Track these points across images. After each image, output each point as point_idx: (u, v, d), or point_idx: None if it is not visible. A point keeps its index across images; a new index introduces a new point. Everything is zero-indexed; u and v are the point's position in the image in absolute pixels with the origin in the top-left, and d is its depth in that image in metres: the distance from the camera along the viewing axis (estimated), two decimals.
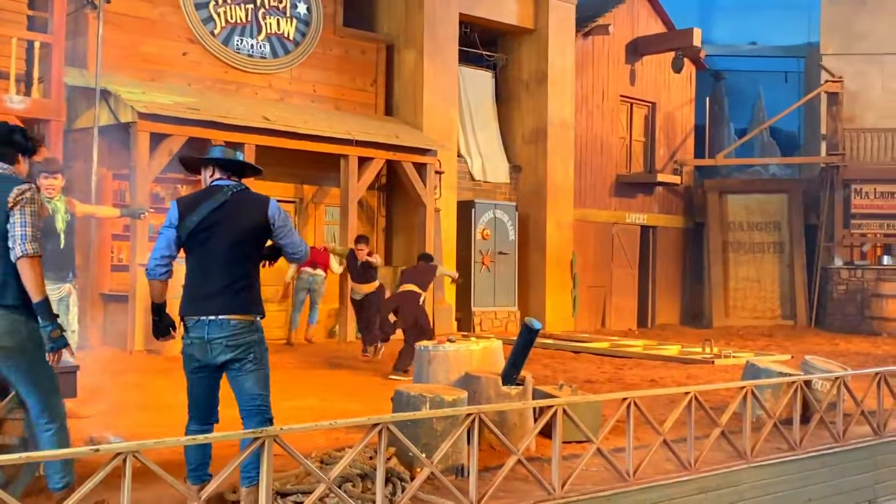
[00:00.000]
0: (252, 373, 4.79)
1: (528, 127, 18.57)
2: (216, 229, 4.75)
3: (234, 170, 4.98)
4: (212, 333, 4.72)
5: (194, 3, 14.23)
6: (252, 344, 4.79)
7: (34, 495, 5.01)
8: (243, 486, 4.82)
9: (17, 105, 11.49)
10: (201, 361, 4.80)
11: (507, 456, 5.41)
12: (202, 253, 4.80)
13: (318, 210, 15.75)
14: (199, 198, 4.87)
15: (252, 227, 4.82)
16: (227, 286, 4.74)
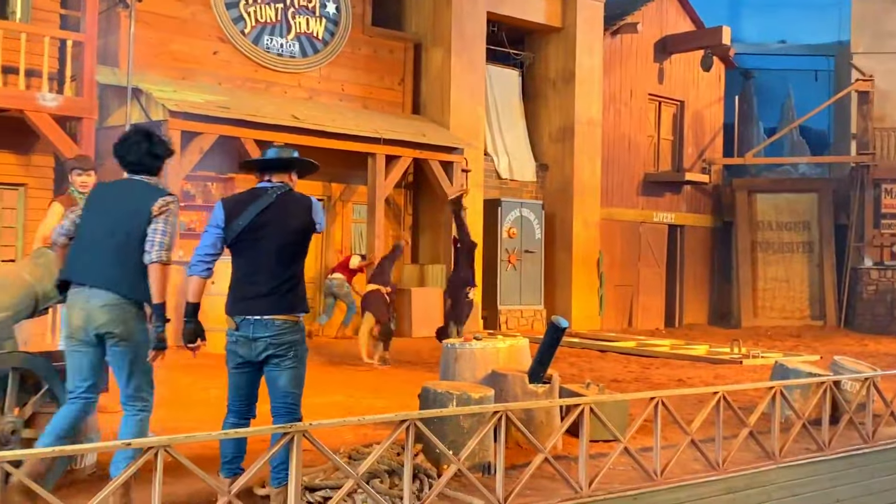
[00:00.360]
0: (289, 370, 4.87)
1: (555, 125, 18.54)
2: (264, 231, 4.84)
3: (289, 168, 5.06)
4: (257, 332, 4.82)
5: (225, 3, 14.33)
6: (294, 343, 4.88)
7: (65, 488, 5.08)
8: (273, 486, 4.88)
9: (49, 103, 11.63)
10: (244, 358, 4.89)
11: (534, 454, 5.42)
12: (251, 255, 4.90)
13: (346, 208, 15.82)
14: (246, 200, 4.96)
15: (299, 228, 4.92)
16: (275, 287, 4.84)
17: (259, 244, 4.86)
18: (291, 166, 5.08)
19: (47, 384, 5.07)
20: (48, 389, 5.08)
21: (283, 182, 5.00)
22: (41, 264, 5.70)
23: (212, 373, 10.12)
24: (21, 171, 12.47)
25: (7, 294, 5.35)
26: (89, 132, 11.98)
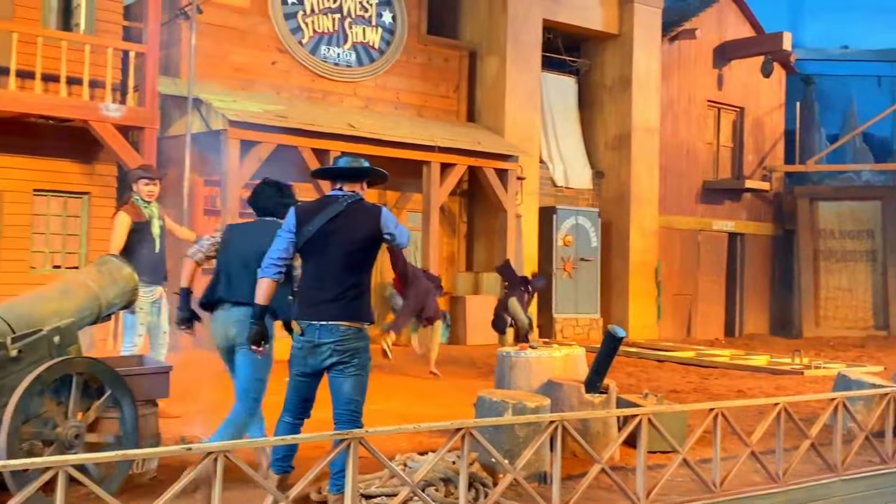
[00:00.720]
0: (352, 377, 4.95)
1: (611, 132, 18.43)
2: (332, 239, 4.94)
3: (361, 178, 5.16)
4: (322, 337, 4.90)
5: (283, 14, 14.51)
6: (357, 350, 4.95)
7: (128, 492, 5.16)
8: (331, 493, 4.93)
9: (113, 113, 11.87)
10: (308, 364, 4.99)
11: (591, 464, 5.38)
12: (318, 261, 5.00)
13: (401, 216, 15.88)
14: (316, 208, 5.07)
15: (366, 236, 4.99)
16: (341, 294, 4.92)
17: (326, 251, 4.95)
18: (363, 176, 5.17)
19: (110, 389, 5.15)
20: (111, 394, 5.16)
21: (354, 191, 5.08)
22: (104, 272, 5.82)
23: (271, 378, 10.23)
24: (85, 180, 12.73)
25: (71, 301, 5.46)
26: (151, 142, 12.20)
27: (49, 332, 5.09)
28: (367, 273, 5.09)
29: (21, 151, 11.97)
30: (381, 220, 5.01)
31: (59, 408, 4.99)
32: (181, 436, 6.64)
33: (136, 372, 5.68)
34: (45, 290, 5.55)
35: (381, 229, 5.00)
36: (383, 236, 5.02)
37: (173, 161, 13.11)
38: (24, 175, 12.15)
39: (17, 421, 4.71)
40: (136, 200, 7.79)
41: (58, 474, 3.55)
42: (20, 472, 4.54)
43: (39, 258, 12.49)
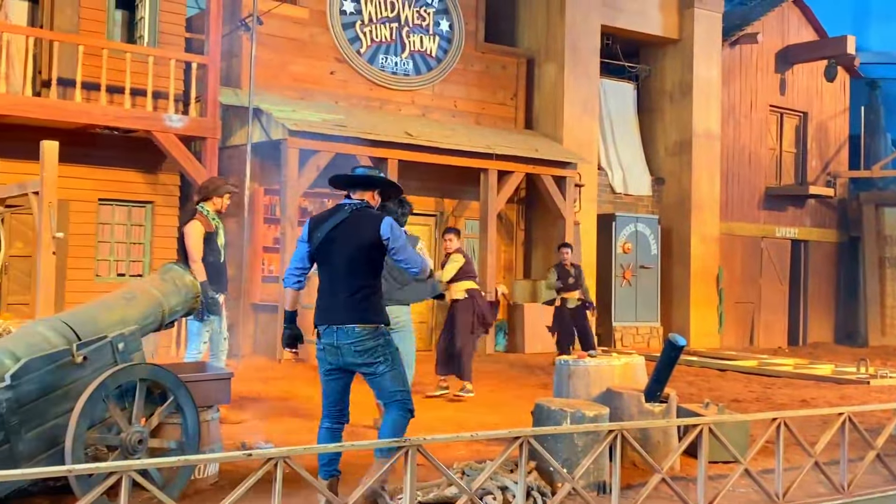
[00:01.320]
0: (386, 374, 5.16)
1: (671, 138, 18.25)
2: (336, 245, 5.17)
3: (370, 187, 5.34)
4: (340, 340, 5.14)
5: (342, 24, 14.65)
6: (378, 347, 5.14)
7: (190, 497, 5.24)
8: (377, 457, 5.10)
9: (176, 124, 12.08)
10: (333, 364, 5.21)
11: (651, 474, 5.33)
12: (327, 267, 5.25)
13: (458, 223, 15.90)
14: (326, 216, 5.32)
15: (365, 243, 5.14)
16: (349, 297, 5.14)
17: (332, 257, 5.20)
18: (372, 185, 5.34)
19: (172, 395, 5.23)
20: (173, 400, 5.24)
21: (364, 199, 5.29)
22: (168, 279, 5.91)
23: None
24: (148, 190, 12.98)
25: (135, 308, 5.56)
26: (213, 151, 12.39)
27: (113, 339, 5.19)
28: (375, 276, 5.25)
29: (87, 162, 12.24)
30: (381, 227, 5.14)
31: (123, 413, 5.07)
32: (242, 441, 6.72)
33: (198, 378, 5.76)
34: (110, 298, 5.65)
35: (382, 237, 5.13)
36: (382, 242, 5.14)
37: (234, 170, 13.30)
38: (89, 185, 12.42)
39: (82, 426, 4.80)
40: (205, 212, 7.88)
41: (121, 479, 3.61)
42: (85, 476, 4.63)
43: (105, 266, 12.75)
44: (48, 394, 4.84)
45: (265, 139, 13.05)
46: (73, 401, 4.87)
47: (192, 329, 7.76)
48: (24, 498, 5.02)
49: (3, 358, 4.83)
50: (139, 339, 5.39)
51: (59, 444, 4.82)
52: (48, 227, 8.92)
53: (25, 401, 4.72)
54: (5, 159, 10.87)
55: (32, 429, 4.76)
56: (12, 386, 4.67)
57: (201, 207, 7.88)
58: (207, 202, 7.89)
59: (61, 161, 9.19)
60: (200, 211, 7.85)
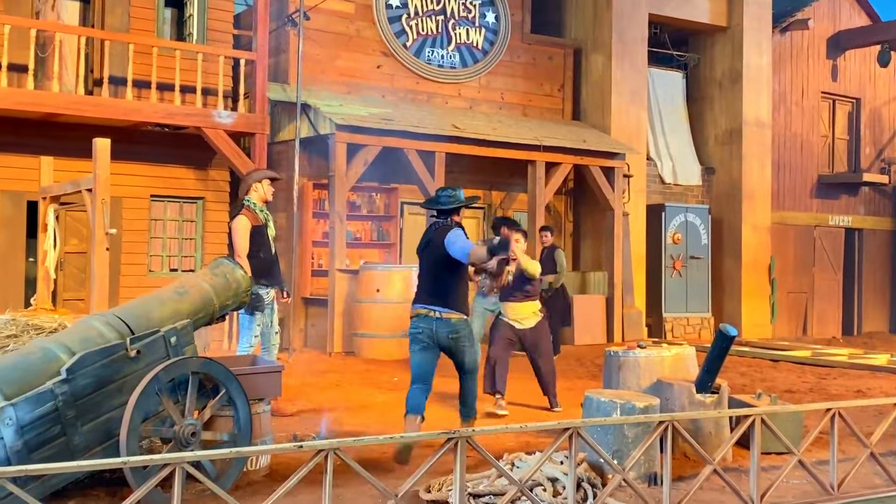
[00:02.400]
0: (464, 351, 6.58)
1: (721, 127, 18.03)
2: (426, 252, 6.70)
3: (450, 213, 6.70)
4: (429, 322, 6.51)
5: (388, 17, 14.68)
6: (458, 330, 6.53)
7: (242, 489, 5.30)
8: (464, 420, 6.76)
9: (225, 120, 12.20)
10: (423, 339, 6.51)
11: (702, 465, 5.28)
12: (421, 267, 6.81)
13: (506, 215, 15.87)
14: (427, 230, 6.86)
15: (441, 252, 6.49)
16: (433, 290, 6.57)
17: (424, 261, 6.75)
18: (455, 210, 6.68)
19: (224, 388, 5.29)
20: (225, 393, 5.30)
21: (446, 217, 6.67)
22: (218, 274, 5.98)
23: (377, 379, 10.36)
24: (199, 186, 13.13)
25: (187, 302, 5.63)
26: (262, 147, 12.50)
27: (166, 333, 5.25)
28: (454, 276, 6.58)
29: (138, 159, 12.42)
30: (446, 238, 6.45)
31: (176, 406, 5.14)
32: (293, 434, 6.78)
33: (249, 371, 5.82)
34: (163, 293, 5.72)
35: (444, 245, 6.44)
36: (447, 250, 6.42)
37: (283, 166, 13.41)
38: (141, 182, 12.61)
39: (136, 419, 4.88)
40: (252, 205, 7.93)
41: (175, 471, 3.66)
42: (140, 468, 4.70)
43: (157, 262, 12.94)
44: (103, 387, 4.92)
45: (313, 134, 13.13)
46: (127, 394, 4.95)
47: (244, 323, 7.83)
48: (80, 489, 5.11)
49: (59, 352, 4.92)
50: (191, 333, 5.45)
51: (114, 436, 4.90)
52: (101, 223, 9.07)
53: (81, 394, 4.81)
54: (59, 157, 11.05)
55: (88, 422, 4.85)
56: (68, 380, 4.75)
57: (247, 201, 7.93)
58: (251, 194, 7.95)
59: (113, 158, 9.33)
60: (247, 205, 7.91)
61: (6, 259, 11.73)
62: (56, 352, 4.93)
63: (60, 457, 4.68)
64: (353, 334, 12.40)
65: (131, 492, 4.14)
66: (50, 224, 10.15)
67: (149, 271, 12.75)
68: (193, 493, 4.99)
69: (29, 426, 4.59)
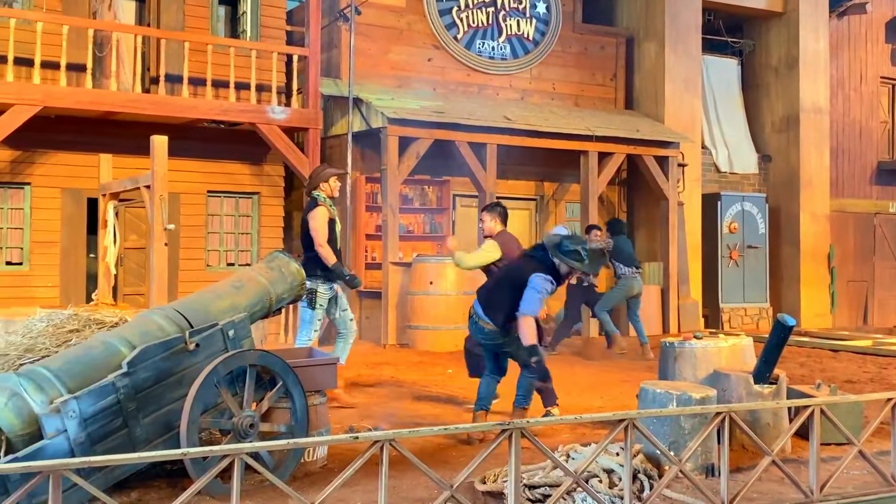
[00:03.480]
0: (507, 353, 6.90)
1: (777, 114, 17.76)
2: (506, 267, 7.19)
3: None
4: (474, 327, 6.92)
5: (438, 10, 14.69)
6: (496, 338, 6.81)
7: (300, 479, 5.36)
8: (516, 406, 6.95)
9: (279, 116, 12.32)
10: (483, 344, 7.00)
11: (760, 457, 5.22)
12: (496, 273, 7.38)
13: (559, 207, 15.82)
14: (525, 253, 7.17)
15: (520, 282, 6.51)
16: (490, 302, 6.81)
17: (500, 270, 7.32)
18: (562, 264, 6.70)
19: (282, 380, 5.35)
20: (282, 385, 5.36)
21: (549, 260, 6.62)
22: (274, 267, 6.05)
23: (431, 371, 10.41)
24: (254, 181, 13.28)
25: (244, 296, 5.70)
26: (315, 142, 12.60)
27: (224, 326, 5.33)
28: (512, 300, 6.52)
29: (195, 155, 12.60)
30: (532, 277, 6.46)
31: (235, 398, 5.21)
32: (349, 425, 6.84)
33: (305, 363, 5.88)
34: (220, 287, 5.80)
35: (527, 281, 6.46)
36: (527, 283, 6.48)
37: (335, 160, 13.50)
38: (198, 178, 12.79)
39: (196, 411, 4.95)
40: (323, 200, 8.05)
41: (234, 461, 3.72)
42: (200, 459, 4.78)
43: (214, 256, 13.13)
44: (163, 380, 5.00)
45: (365, 128, 13.20)
46: (186, 386, 5.03)
47: (305, 317, 7.91)
48: (142, 480, 5.21)
49: (120, 346, 5.02)
50: (248, 326, 5.52)
51: (174, 428, 4.99)
52: (160, 219, 9.22)
53: (142, 387, 4.90)
54: (118, 155, 11.27)
55: (149, 414, 4.93)
56: (129, 373, 4.84)
57: (318, 195, 8.04)
58: (320, 189, 8.06)
59: (170, 155, 9.49)
60: (319, 200, 8.02)
61: (68, 255, 11.99)
62: (117, 346, 5.03)
63: (122, 448, 4.77)
64: (407, 326, 12.46)
65: (191, 482, 4.22)
66: (110, 220, 10.35)
67: (206, 266, 12.94)
68: (252, 484, 5.05)
69: (92, 419, 4.69)
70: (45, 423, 4.62)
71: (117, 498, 4.53)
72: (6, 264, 11.79)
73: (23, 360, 5.34)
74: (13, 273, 11.74)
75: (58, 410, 4.61)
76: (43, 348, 5.50)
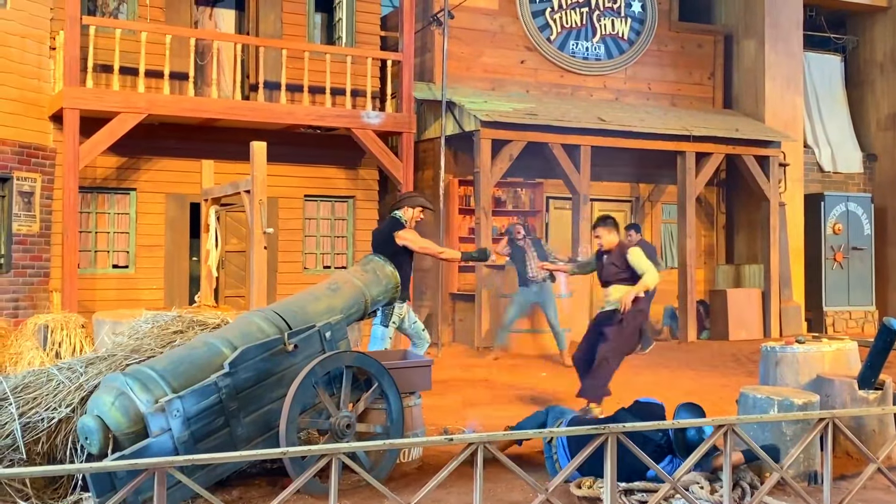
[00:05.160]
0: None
1: (883, 112, 17.18)
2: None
3: None
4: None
5: (531, 12, 14.65)
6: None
7: (396, 479, 5.40)
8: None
9: (373, 120, 12.46)
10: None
11: (865, 464, 5.06)
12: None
13: (655, 208, 15.60)
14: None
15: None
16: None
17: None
18: None
19: (377, 381, 5.41)
20: (378, 386, 5.42)
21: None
22: (369, 270, 6.12)
23: (523, 374, 10.37)
24: (350, 185, 13.46)
25: (340, 298, 5.78)
26: (409, 146, 12.69)
27: (321, 328, 5.41)
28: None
29: (292, 160, 12.82)
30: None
31: (332, 399, 5.29)
32: (444, 427, 6.87)
33: (401, 365, 5.93)
34: (317, 289, 5.89)
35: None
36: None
37: (429, 163, 13.58)
38: (295, 182, 13.01)
39: (294, 411, 5.04)
40: (403, 222, 7.91)
41: (332, 461, 3.77)
42: (298, 458, 4.87)
43: (311, 259, 13.34)
44: (263, 380, 5.11)
45: (458, 131, 13.24)
46: (285, 387, 5.12)
47: (376, 334, 7.72)
48: (242, 478, 5.33)
49: (222, 347, 5.14)
50: (345, 328, 5.59)
51: (274, 427, 5.09)
52: (259, 223, 9.41)
53: (242, 387, 5.01)
54: (219, 160, 11.54)
55: (249, 413, 5.04)
56: (231, 373, 4.96)
57: (397, 216, 7.89)
58: (402, 212, 7.95)
59: (269, 160, 9.67)
60: (399, 220, 7.85)
61: (172, 258, 12.34)
62: (219, 346, 5.15)
63: (224, 447, 4.89)
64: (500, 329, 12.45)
65: (290, 481, 4.29)
66: (212, 224, 10.61)
67: (304, 268, 13.15)
68: (349, 484, 5.12)
69: (195, 418, 4.81)
70: (151, 422, 4.76)
71: (219, 496, 4.64)
72: (113, 267, 12.19)
73: (129, 360, 5.50)
74: (120, 276, 12.14)
75: (162, 409, 4.75)
76: (148, 349, 5.66)
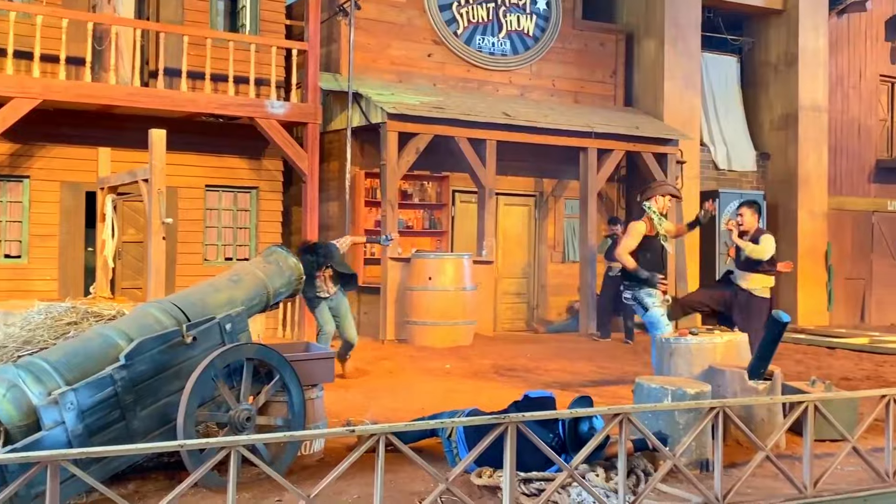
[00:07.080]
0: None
1: (776, 112, 17.77)
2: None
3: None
4: None
5: (438, 5, 14.69)
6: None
7: (297, 472, 5.38)
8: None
9: (277, 110, 12.33)
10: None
11: (754, 452, 5.24)
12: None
13: (558, 203, 15.84)
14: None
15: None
16: None
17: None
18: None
19: (279, 374, 5.37)
20: (279, 378, 5.38)
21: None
22: (272, 261, 6.07)
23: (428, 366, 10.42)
24: (253, 175, 13.29)
25: (241, 290, 5.72)
26: (314, 136, 12.61)
27: (221, 320, 5.34)
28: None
29: (193, 149, 12.61)
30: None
31: (232, 392, 5.23)
32: (347, 419, 6.87)
33: (302, 357, 5.90)
34: (217, 280, 5.82)
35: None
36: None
37: (334, 155, 13.51)
38: (196, 172, 12.80)
39: (193, 404, 4.98)
40: (652, 213, 8.11)
41: (231, 454, 3.74)
42: (197, 451, 4.81)
43: (212, 250, 13.14)
44: (160, 373, 5.02)
45: (365, 123, 13.21)
46: (183, 379, 5.05)
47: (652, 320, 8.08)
48: (139, 472, 5.23)
49: (118, 339, 5.04)
50: (245, 320, 5.54)
51: (171, 421, 5.01)
52: (158, 213, 9.24)
53: (139, 380, 4.92)
54: (116, 148, 11.28)
55: (146, 407, 4.95)
56: (127, 365, 4.86)
57: (647, 208, 8.13)
58: (653, 201, 8.11)
59: (169, 149, 9.50)
60: (647, 213, 8.09)
61: (66, 248, 12.00)
62: (115, 338, 5.05)
63: (120, 440, 4.79)
64: (406, 322, 12.48)
65: (188, 474, 4.24)
66: (108, 214, 10.37)
67: (204, 260, 12.95)
68: (249, 477, 5.08)
69: (89, 410, 4.71)
70: (44, 415, 4.64)
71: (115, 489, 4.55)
72: (5, 257, 11.81)
73: (21, 352, 5.36)
74: (12, 266, 11.76)
75: (56, 402, 4.63)
76: (41, 340, 5.52)
